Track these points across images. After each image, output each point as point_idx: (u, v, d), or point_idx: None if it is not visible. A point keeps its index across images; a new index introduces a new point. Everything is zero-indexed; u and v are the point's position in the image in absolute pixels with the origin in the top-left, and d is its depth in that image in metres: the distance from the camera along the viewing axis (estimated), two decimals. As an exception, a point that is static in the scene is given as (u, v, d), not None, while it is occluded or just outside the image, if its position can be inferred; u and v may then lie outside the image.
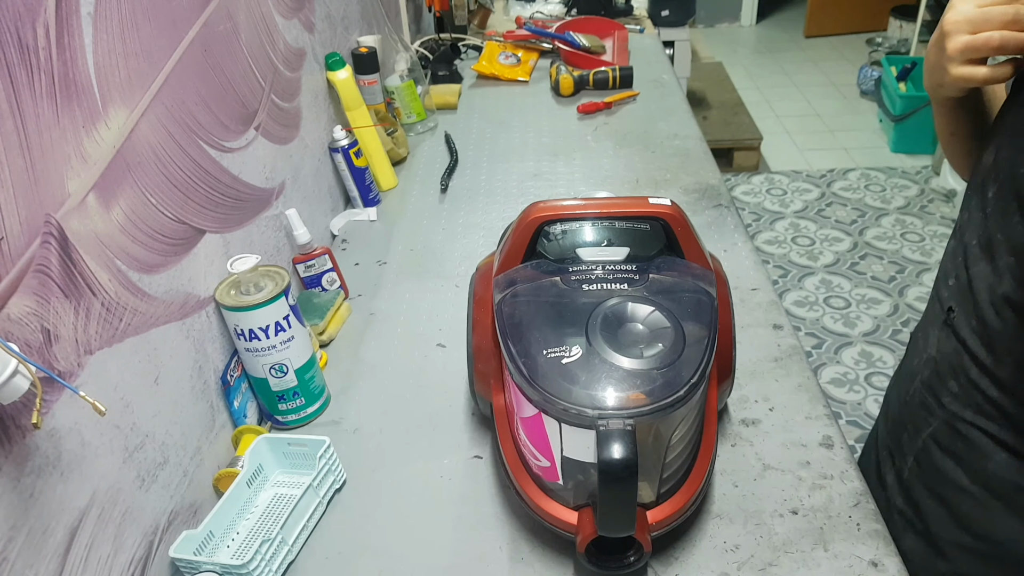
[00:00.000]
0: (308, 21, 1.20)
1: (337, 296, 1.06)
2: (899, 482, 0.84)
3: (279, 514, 0.79)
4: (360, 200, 1.32)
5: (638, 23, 2.17)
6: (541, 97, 1.75)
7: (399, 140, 1.45)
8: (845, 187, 3.16)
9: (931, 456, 0.79)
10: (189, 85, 0.81)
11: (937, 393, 0.77)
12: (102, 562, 0.63)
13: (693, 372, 0.63)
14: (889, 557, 0.70)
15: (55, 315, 0.59)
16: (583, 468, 0.65)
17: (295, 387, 0.88)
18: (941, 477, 0.77)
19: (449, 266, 1.17)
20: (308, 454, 0.81)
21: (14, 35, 0.55)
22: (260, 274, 0.85)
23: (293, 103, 1.12)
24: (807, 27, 4.75)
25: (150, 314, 0.72)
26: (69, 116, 0.61)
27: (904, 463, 0.83)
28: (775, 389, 0.89)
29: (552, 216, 0.75)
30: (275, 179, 1.04)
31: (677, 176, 1.36)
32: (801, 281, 2.65)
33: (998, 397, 0.70)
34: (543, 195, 1.34)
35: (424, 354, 1.00)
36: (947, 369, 0.76)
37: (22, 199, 0.56)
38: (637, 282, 0.71)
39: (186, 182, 0.80)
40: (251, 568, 0.68)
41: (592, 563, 0.67)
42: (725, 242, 1.16)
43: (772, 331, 0.98)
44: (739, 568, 0.71)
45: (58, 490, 0.58)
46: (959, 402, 0.75)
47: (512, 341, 0.67)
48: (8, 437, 0.54)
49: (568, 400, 0.61)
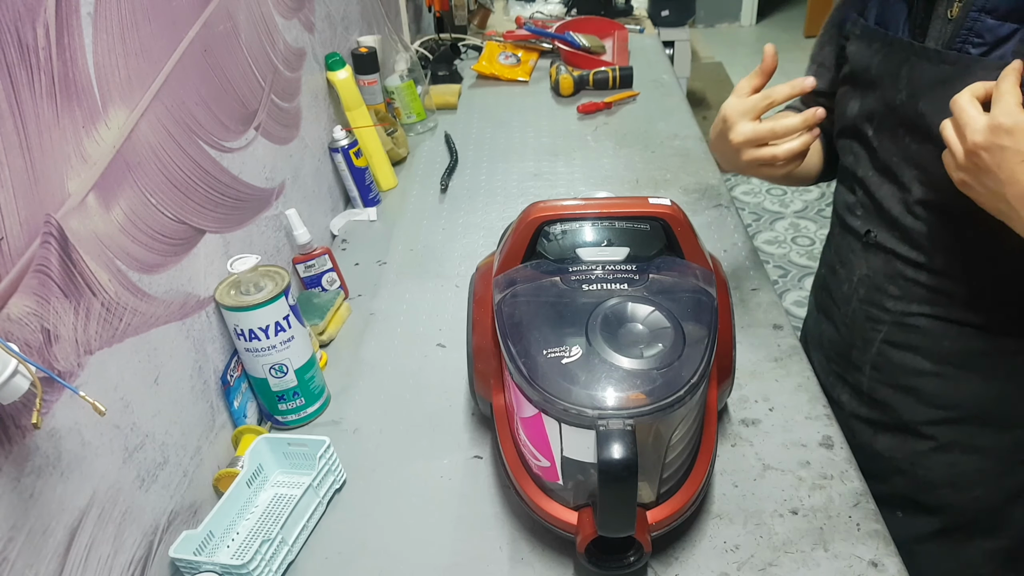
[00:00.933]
0: (308, 21, 1.20)
1: (337, 296, 1.06)
2: (857, 395, 0.94)
3: (279, 514, 0.79)
4: (360, 200, 1.32)
5: (638, 23, 2.17)
6: (541, 97, 1.75)
7: (399, 140, 1.45)
8: (845, 187, 3.15)
9: (889, 357, 0.88)
10: (189, 85, 0.81)
11: (879, 302, 0.87)
12: (102, 562, 0.63)
13: (693, 372, 0.63)
14: (889, 557, 0.70)
15: (55, 315, 0.59)
16: (583, 468, 0.65)
17: (295, 387, 0.88)
18: (903, 369, 0.87)
19: (449, 266, 1.17)
20: (308, 454, 0.81)
21: (14, 35, 0.55)
22: (260, 274, 0.85)
23: (293, 103, 1.12)
24: (807, 27, 4.76)
25: (150, 314, 0.72)
26: (69, 116, 0.61)
27: (861, 375, 0.93)
28: (775, 389, 0.89)
29: (552, 216, 0.75)
30: (275, 179, 1.04)
31: (677, 176, 1.36)
32: (801, 281, 2.65)
33: (937, 283, 0.81)
34: (543, 195, 1.34)
35: (424, 354, 1.00)
36: (882, 279, 0.86)
37: (22, 199, 0.56)
38: (637, 282, 0.71)
39: (186, 182, 0.80)
40: (251, 568, 0.68)
41: (592, 563, 0.67)
42: (725, 242, 1.16)
43: (772, 331, 0.98)
44: (739, 568, 0.71)
45: (58, 490, 0.58)
46: (904, 301, 0.85)
47: (512, 341, 0.67)
48: (8, 437, 0.54)
49: (568, 400, 0.61)
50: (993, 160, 0.62)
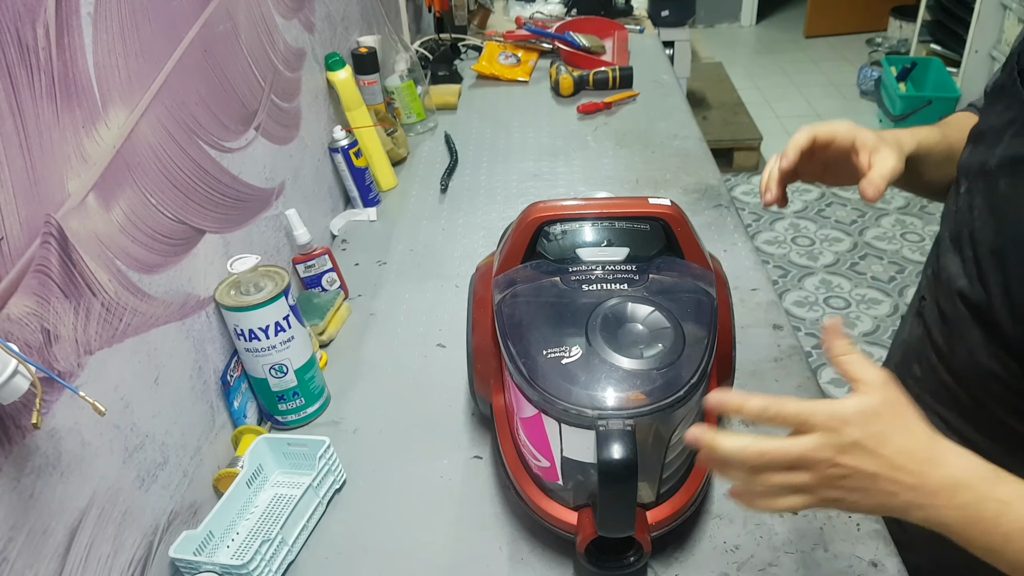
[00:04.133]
0: (308, 21, 1.20)
1: (337, 296, 1.06)
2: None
3: (279, 514, 0.79)
4: (360, 200, 1.32)
5: (638, 23, 2.17)
6: (541, 97, 1.75)
7: (399, 140, 1.45)
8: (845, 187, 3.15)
9: None
10: (189, 85, 0.81)
11: (903, 376, 0.80)
12: (102, 562, 0.63)
13: (693, 372, 0.63)
14: (889, 557, 0.70)
15: (55, 315, 0.59)
16: (583, 468, 0.65)
17: (295, 387, 0.88)
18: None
19: (449, 266, 1.17)
20: (308, 454, 0.81)
21: (14, 35, 0.55)
22: (260, 274, 0.85)
23: (293, 103, 1.12)
24: (807, 27, 4.75)
25: (150, 314, 0.72)
26: (69, 116, 0.61)
27: None
28: (775, 389, 0.89)
29: (552, 216, 0.75)
30: (275, 179, 1.04)
31: (677, 176, 1.36)
32: (801, 281, 2.65)
33: (951, 384, 0.73)
34: (543, 195, 1.34)
35: (424, 354, 1.00)
36: (913, 354, 0.80)
37: (22, 199, 0.55)
38: (637, 282, 0.71)
39: (186, 182, 0.80)
40: (251, 568, 0.68)
41: (592, 563, 0.67)
42: (725, 242, 1.16)
43: (772, 331, 0.98)
44: (739, 568, 0.71)
45: (58, 490, 0.58)
46: (920, 386, 0.78)
47: (512, 341, 0.67)
48: (8, 437, 0.54)
49: (568, 400, 0.61)
50: (854, 459, 0.51)
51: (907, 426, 0.52)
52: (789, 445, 0.52)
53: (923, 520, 0.52)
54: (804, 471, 0.53)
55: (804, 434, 0.52)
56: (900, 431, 0.52)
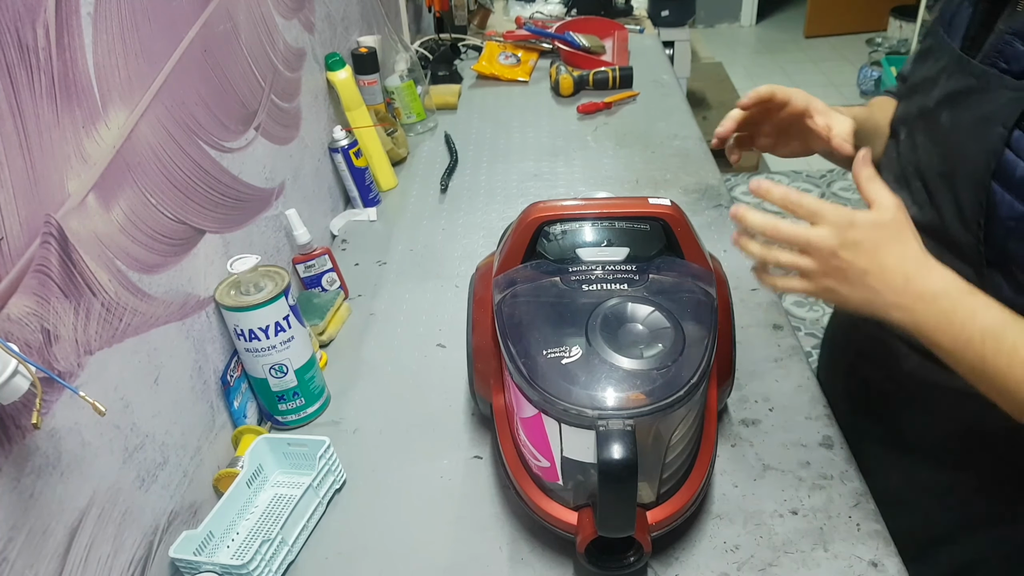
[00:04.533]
0: (308, 21, 1.20)
1: (337, 296, 1.06)
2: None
3: (279, 514, 0.79)
4: (360, 200, 1.32)
5: (638, 23, 2.17)
6: (541, 97, 1.75)
7: (399, 140, 1.45)
8: (845, 187, 3.15)
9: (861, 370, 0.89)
10: (189, 85, 0.81)
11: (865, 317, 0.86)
12: (102, 562, 0.63)
13: (693, 372, 0.63)
14: (889, 557, 0.70)
15: (55, 315, 0.59)
16: (583, 468, 0.65)
17: (295, 387, 0.88)
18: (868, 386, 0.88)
19: (449, 266, 1.17)
20: (308, 454, 0.81)
21: (14, 35, 0.55)
22: (260, 274, 0.85)
23: (293, 103, 1.12)
24: (807, 27, 4.75)
25: (150, 314, 0.72)
26: (69, 116, 0.61)
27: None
28: (775, 389, 0.89)
29: (552, 216, 0.75)
30: (275, 179, 1.04)
31: (677, 176, 1.36)
32: (801, 281, 2.64)
33: None
34: (543, 195, 1.34)
35: (424, 354, 1.00)
36: None
37: (22, 199, 0.56)
38: (637, 282, 0.71)
39: (186, 182, 0.80)
40: (251, 568, 0.68)
41: (592, 563, 0.67)
42: (725, 242, 1.16)
43: (772, 331, 0.98)
44: (739, 568, 0.71)
45: (58, 490, 0.58)
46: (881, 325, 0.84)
47: (512, 341, 0.67)
48: (8, 437, 0.54)
49: (568, 400, 0.61)
50: (851, 255, 0.62)
51: (905, 242, 0.62)
52: (801, 228, 0.64)
53: (900, 321, 0.62)
54: (808, 257, 0.64)
55: (816, 226, 0.63)
56: (898, 243, 0.62)
